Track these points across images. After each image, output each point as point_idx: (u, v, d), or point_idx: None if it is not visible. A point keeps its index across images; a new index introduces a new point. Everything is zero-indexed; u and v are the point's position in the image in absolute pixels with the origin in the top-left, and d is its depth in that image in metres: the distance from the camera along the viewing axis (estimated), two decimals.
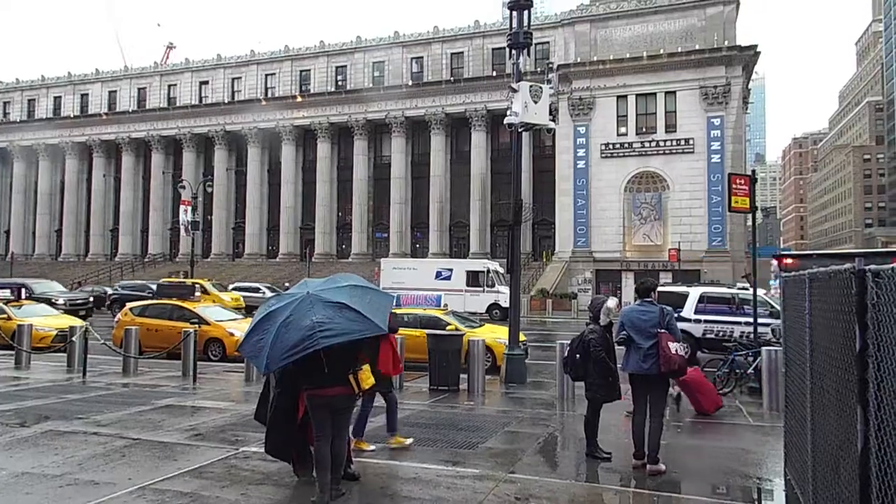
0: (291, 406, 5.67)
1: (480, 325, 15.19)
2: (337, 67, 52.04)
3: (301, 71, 52.99)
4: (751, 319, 13.11)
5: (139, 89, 57.88)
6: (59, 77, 60.85)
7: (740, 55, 40.04)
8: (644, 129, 41.28)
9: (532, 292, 36.73)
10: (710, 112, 39.94)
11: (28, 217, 60.32)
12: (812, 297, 4.42)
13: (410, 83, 48.77)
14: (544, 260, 44.13)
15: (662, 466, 6.38)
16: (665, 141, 40.68)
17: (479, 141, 47.03)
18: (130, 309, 16.70)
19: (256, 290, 33.28)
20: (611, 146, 41.61)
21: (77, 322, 16.33)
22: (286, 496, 5.66)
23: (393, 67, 50.23)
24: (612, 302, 7.13)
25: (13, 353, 14.28)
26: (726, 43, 39.97)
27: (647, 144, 41.02)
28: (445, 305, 15.99)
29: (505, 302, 24.28)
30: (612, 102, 41.80)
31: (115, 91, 58.54)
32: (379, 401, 7.28)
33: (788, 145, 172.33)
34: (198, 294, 16.97)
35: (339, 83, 51.66)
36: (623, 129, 41.64)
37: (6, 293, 18.01)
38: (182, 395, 10.79)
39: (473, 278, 30.46)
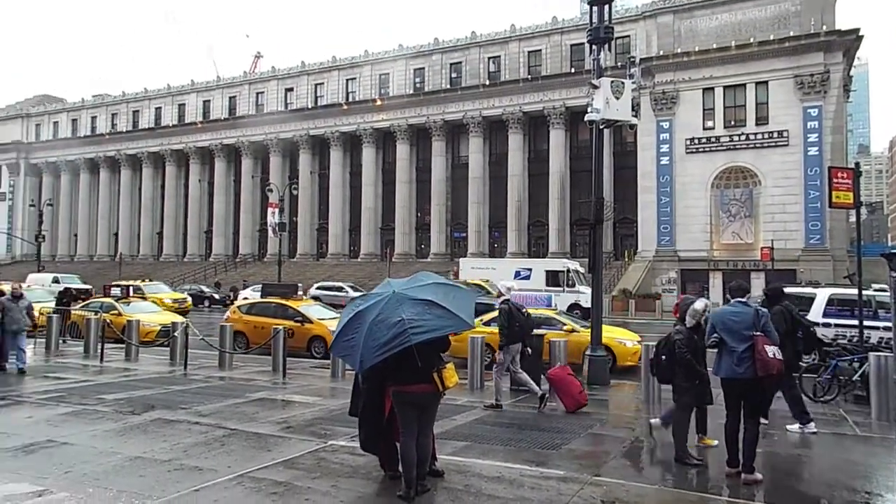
0: (379, 402, 5.84)
1: (587, 327, 15.03)
2: (415, 70, 52.82)
3: (381, 75, 54.13)
4: (890, 324, 12.19)
5: (230, 98, 60.99)
6: (159, 89, 65.08)
7: (840, 40, 37.45)
8: (733, 122, 39.41)
9: (614, 292, 35.87)
10: (806, 102, 37.59)
11: (134, 220, 64.86)
12: None
13: (488, 83, 48.80)
14: (626, 259, 43.00)
15: (759, 476, 6.09)
16: (756, 134, 38.66)
17: (557, 139, 46.43)
18: (238, 307, 17.62)
19: (340, 288, 34.33)
20: (696, 141, 40.01)
21: (178, 318, 17.44)
22: (374, 490, 5.82)
23: (470, 68, 50.44)
24: (699, 303, 6.91)
25: (123, 346, 15.46)
26: (824, 28, 37.48)
27: (735, 138, 39.14)
28: (555, 305, 15.96)
29: (586, 302, 23.82)
30: (698, 95, 40.17)
31: (209, 100, 61.97)
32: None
33: None
34: (300, 293, 17.67)
35: (417, 85, 52.40)
36: (710, 123, 39.92)
37: (116, 291, 19.53)
38: (273, 389, 11.31)
39: (553, 278, 30.05)
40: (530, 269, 31.26)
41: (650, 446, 7.50)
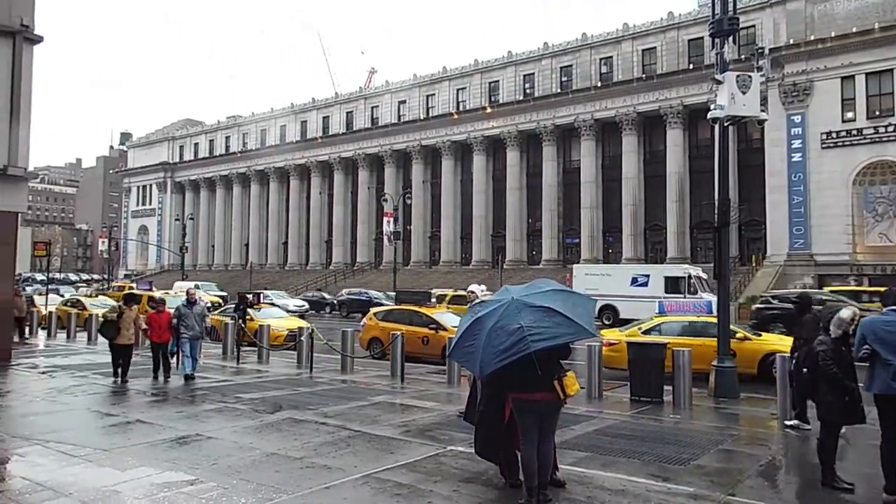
0: (499, 409, 5.85)
1: (758, 335, 14.53)
2: (524, 76, 52.65)
3: (490, 82, 54.50)
4: None
5: (347, 113, 64.00)
6: (283, 108, 69.63)
7: None
8: (878, 112, 35.74)
9: (740, 300, 33.57)
10: None
11: (262, 231, 69.72)
12: None
13: (599, 84, 47.65)
14: (753, 264, 40.18)
15: None
16: None
17: (674, 139, 44.39)
18: (375, 314, 18.22)
19: None
20: (834, 134, 36.68)
21: (304, 324, 18.46)
22: (495, 496, 5.83)
23: (581, 70, 49.51)
24: (846, 312, 6.32)
25: (256, 349, 16.61)
26: None
27: (882, 130, 35.44)
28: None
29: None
30: (835, 85, 36.85)
31: (328, 116, 65.41)
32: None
33: None
34: (433, 300, 17.90)
35: (527, 91, 52.17)
36: (849, 114, 36.46)
37: (250, 297, 20.97)
38: (392, 393, 11.66)
39: (673, 284, 28.65)
40: (648, 276, 30.03)
41: None
